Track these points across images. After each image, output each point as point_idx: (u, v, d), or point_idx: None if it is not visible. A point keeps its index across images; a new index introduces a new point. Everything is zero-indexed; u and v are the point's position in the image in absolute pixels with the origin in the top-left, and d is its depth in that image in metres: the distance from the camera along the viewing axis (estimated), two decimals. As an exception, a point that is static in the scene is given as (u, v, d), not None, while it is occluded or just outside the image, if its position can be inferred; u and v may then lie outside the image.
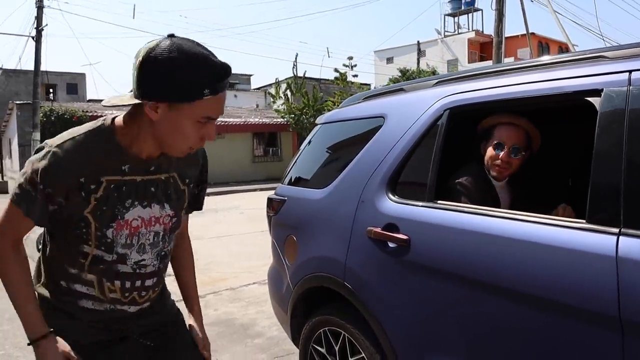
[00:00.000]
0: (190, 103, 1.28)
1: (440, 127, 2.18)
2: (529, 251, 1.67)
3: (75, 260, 1.48)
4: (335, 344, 2.55)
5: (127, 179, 1.45)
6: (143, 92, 1.28)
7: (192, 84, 1.26)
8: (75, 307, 1.53)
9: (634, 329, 1.39)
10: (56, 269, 1.52)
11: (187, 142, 1.37)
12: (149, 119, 1.33)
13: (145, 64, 1.26)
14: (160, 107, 1.29)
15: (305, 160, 3.18)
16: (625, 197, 1.49)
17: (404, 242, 2.09)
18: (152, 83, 1.27)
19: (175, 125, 1.32)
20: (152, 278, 1.60)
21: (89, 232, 1.43)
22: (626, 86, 1.57)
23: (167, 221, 1.58)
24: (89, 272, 1.49)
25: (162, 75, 1.25)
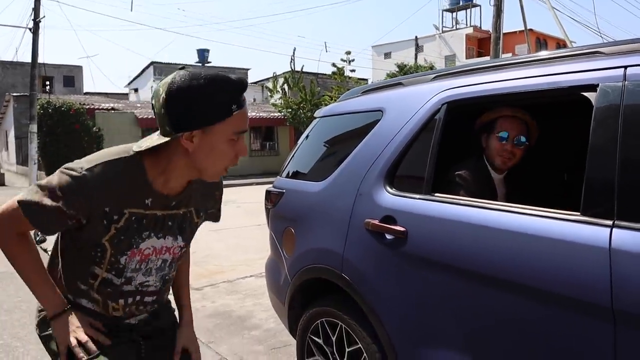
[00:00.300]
0: (222, 122, 1.31)
1: (438, 120, 2.20)
2: (525, 243, 1.70)
3: (86, 280, 1.50)
4: (332, 335, 2.58)
5: (149, 212, 1.47)
6: (176, 126, 1.30)
7: (220, 104, 1.30)
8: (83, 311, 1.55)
9: (626, 319, 1.42)
10: (67, 281, 1.54)
11: (224, 162, 1.39)
12: (183, 150, 1.35)
13: (170, 99, 1.29)
14: (195, 135, 1.32)
15: (304, 154, 3.20)
16: (619, 191, 1.51)
17: (401, 234, 2.11)
18: (183, 114, 1.29)
19: (212, 148, 1.35)
20: (152, 296, 1.64)
21: (104, 257, 1.46)
22: (621, 81, 1.59)
23: (177, 251, 1.62)
24: (96, 292, 1.52)
25: (191, 103, 1.28)
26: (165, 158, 1.41)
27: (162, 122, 1.33)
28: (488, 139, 2.48)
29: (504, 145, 2.41)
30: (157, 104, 1.33)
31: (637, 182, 1.49)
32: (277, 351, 3.85)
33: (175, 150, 1.37)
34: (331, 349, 2.60)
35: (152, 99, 1.37)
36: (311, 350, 2.75)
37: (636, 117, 1.53)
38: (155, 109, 1.34)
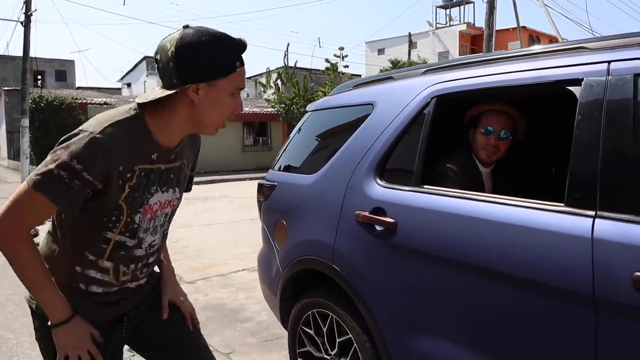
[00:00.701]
0: (226, 77, 1.41)
1: (427, 114, 2.24)
2: (511, 233, 1.74)
3: (97, 247, 1.50)
4: (323, 326, 2.62)
5: (155, 167, 1.52)
6: (184, 78, 1.37)
7: (225, 60, 1.40)
8: (85, 292, 1.55)
9: (606, 306, 1.47)
10: (73, 254, 1.51)
11: (224, 115, 1.48)
12: (188, 102, 1.42)
13: (180, 53, 1.36)
14: (201, 88, 1.40)
15: (296, 147, 3.23)
16: (601, 182, 1.56)
17: (390, 225, 2.15)
18: (192, 67, 1.37)
19: (216, 101, 1.43)
20: (154, 256, 1.69)
21: (120, 219, 1.48)
22: (605, 76, 1.63)
23: (175, 203, 1.68)
24: (107, 259, 1.52)
25: (200, 58, 1.37)
26: (168, 111, 1.46)
27: (169, 75, 1.39)
28: (474, 133, 2.53)
29: (488, 140, 2.47)
30: (163, 58, 1.39)
31: (619, 174, 1.54)
32: (269, 343, 3.89)
33: (179, 103, 1.44)
34: (322, 339, 2.64)
35: (156, 54, 1.43)
36: (302, 341, 2.79)
37: (619, 111, 1.57)
38: (161, 63, 1.40)
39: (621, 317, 1.45)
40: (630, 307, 1.41)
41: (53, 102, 18.22)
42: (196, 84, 1.39)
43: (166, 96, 1.41)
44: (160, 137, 1.49)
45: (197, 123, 1.48)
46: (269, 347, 3.81)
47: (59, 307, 1.46)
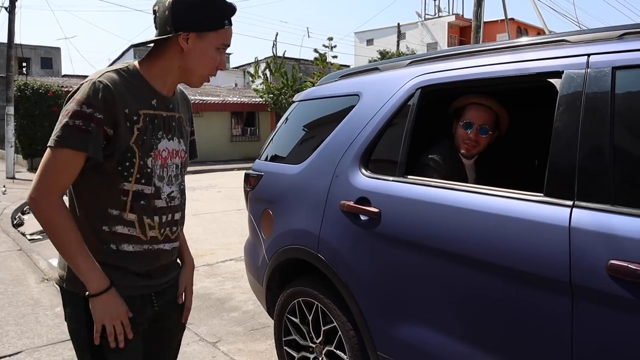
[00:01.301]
0: (215, 32, 1.55)
1: (412, 105, 2.26)
2: (492, 223, 1.77)
3: (117, 200, 1.55)
4: (308, 315, 2.65)
5: (157, 113, 1.61)
6: (178, 25, 1.51)
7: (216, 16, 1.54)
8: (118, 253, 1.57)
9: (583, 292, 1.51)
10: (97, 214, 1.55)
11: (208, 68, 1.60)
12: (178, 50, 1.55)
13: (177, 3, 1.50)
14: (191, 37, 1.53)
15: (282, 137, 3.25)
16: (579, 173, 1.59)
17: (375, 214, 2.18)
18: (186, 16, 1.50)
19: (203, 52, 1.56)
20: (178, 212, 1.73)
21: (133, 163, 1.54)
22: (584, 69, 1.67)
23: (183, 155, 1.74)
24: (130, 211, 1.56)
25: (194, 9, 1.51)
26: (160, 60, 1.59)
27: (164, 23, 1.52)
28: (456, 125, 2.55)
29: (468, 134, 2.49)
30: (161, 7, 1.53)
31: (596, 165, 1.57)
32: (255, 332, 3.92)
33: (170, 51, 1.56)
34: (307, 328, 2.67)
35: (154, 7, 1.56)
36: (288, 330, 2.82)
37: (597, 103, 1.60)
38: (158, 12, 1.54)
39: (597, 303, 1.49)
40: (605, 293, 1.45)
41: (39, 90, 18.00)
42: (187, 33, 1.52)
43: (158, 47, 1.57)
44: (155, 84, 1.60)
45: (185, 72, 1.60)
46: (255, 336, 3.84)
47: (97, 276, 1.49)
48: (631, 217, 1.45)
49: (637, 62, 1.56)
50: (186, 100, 1.83)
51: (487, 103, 2.48)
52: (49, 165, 1.44)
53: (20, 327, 3.97)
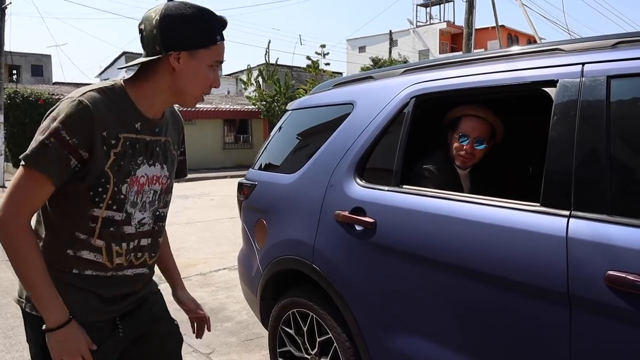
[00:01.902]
0: (207, 49, 1.47)
1: (406, 114, 2.25)
2: (488, 233, 1.76)
3: (86, 226, 1.47)
4: (303, 325, 2.62)
5: (140, 137, 1.53)
6: (167, 44, 1.43)
7: (207, 32, 1.46)
8: (80, 277, 1.50)
9: (580, 303, 1.49)
10: (63, 237, 1.48)
11: (202, 87, 1.53)
12: (169, 70, 1.47)
13: (165, 21, 1.42)
14: (182, 56, 1.45)
15: (276, 146, 3.23)
16: (575, 183, 1.58)
17: (370, 225, 2.16)
18: (175, 35, 1.43)
19: (196, 71, 1.48)
20: (147, 238, 1.63)
21: (107, 189, 1.46)
22: (579, 78, 1.66)
23: (164, 181, 1.65)
24: (99, 237, 1.49)
25: (183, 26, 1.43)
26: (150, 81, 1.50)
27: (152, 43, 1.44)
28: (452, 136, 2.53)
29: (463, 146, 2.47)
30: (148, 27, 1.45)
31: (592, 174, 1.56)
32: (249, 343, 3.88)
33: (160, 71, 1.48)
34: (302, 339, 2.64)
35: (140, 25, 1.48)
36: (283, 341, 2.79)
37: (592, 111, 1.60)
38: (145, 32, 1.46)
39: (595, 314, 1.47)
40: (603, 304, 1.44)
41: (29, 98, 17.93)
42: (178, 52, 1.44)
43: (147, 67, 1.48)
44: (142, 107, 1.51)
45: (177, 93, 1.52)
46: (249, 347, 3.81)
47: (56, 308, 1.41)
48: (629, 227, 1.44)
49: (631, 71, 1.56)
50: (177, 121, 1.75)
51: (482, 114, 2.46)
52: (19, 185, 1.37)
53: (9, 340, 3.91)
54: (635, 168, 1.59)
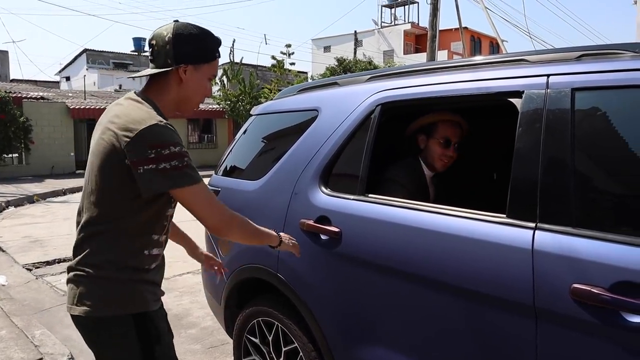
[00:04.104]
0: (209, 63, 1.73)
1: (372, 122, 2.23)
2: (453, 244, 1.75)
3: (161, 225, 1.72)
4: (268, 335, 2.58)
5: None
6: (178, 58, 1.67)
7: (210, 49, 1.73)
8: (152, 271, 1.73)
9: (546, 316, 1.49)
10: (141, 240, 1.67)
11: (202, 96, 1.78)
12: (177, 81, 1.70)
13: (177, 38, 1.66)
14: (188, 70, 1.69)
15: (240, 151, 3.17)
16: (541, 194, 1.58)
17: (335, 234, 2.13)
18: (185, 50, 1.67)
19: (198, 82, 1.73)
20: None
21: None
22: (544, 89, 1.66)
23: None
24: (165, 233, 1.76)
25: (192, 44, 1.68)
26: (164, 92, 1.72)
27: (165, 57, 1.67)
28: (427, 141, 2.53)
29: (446, 151, 2.50)
30: (160, 42, 1.67)
31: (557, 186, 1.57)
32: (214, 350, 3.82)
33: (171, 82, 1.71)
34: (268, 348, 2.60)
35: (150, 40, 1.70)
36: (248, 350, 2.74)
37: (557, 123, 1.60)
38: (157, 47, 1.68)
39: (561, 327, 1.48)
40: (569, 317, 1.44)
41: (-16, 96, 17.26)
42: (186, 65, 1.68)
43: (156, 78, 1.71)
44: (167, 114, 1.72)
45: (181, 101, 1.75)
46: (214, 354, 3.74)
47: (273, 236, 1.89)
48: (593, 240, 1.45)
49: (595, 84, 1.57)
50: None
51: (457, 119, 2.51)
52: (206, 195, 1.63)
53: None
54: (599, 181, 1.60)
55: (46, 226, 9.10)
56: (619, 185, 1.56)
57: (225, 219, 1.67)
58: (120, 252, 1.62)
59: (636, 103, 1.51)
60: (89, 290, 1.62)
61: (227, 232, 1.71)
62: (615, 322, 1.36)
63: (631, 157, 1.51)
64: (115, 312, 1.62)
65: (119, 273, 1.62)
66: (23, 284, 5.55)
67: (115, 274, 1.62)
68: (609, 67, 1.57)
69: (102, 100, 22.60)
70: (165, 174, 1.53)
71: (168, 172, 1.53)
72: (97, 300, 1.61)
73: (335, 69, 28.64)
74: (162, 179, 1.53)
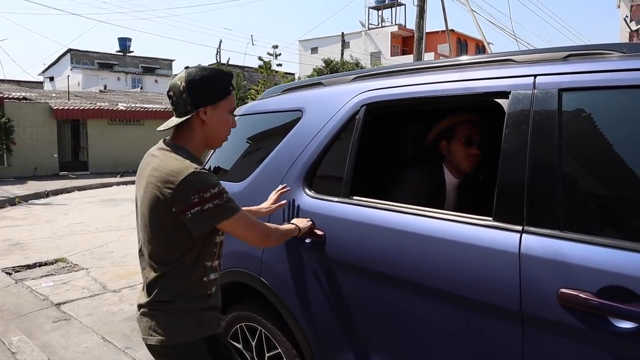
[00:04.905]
0: (225, 99, 1.81)
1: (357, 122, 2.19)
2: (439, 247, 1.71)
3: (211, 253, 1.83)
4: (252, 340, 2.53)
5: None
6: (196, 103, 1.76)
7: (223, 86, 1.81)
8: (213, 296, 1.87)
9: (533, 321, 1.46)
10: (198, 270, 1.80)
11: (227, 130, 1.87)
12: (200, 123, 1.79)
13: (191, 85, 1.76)
14: (208, 110, 1.78)
15: (224, 152, 3.10)
16: (528, 197, 1.55)
17: (319, 237, 2.09)
18: (200, 95, 1.76)
19: (221, 119, 1.82)
20: None
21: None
22: (531, 89, 1.63)
23: None
24: (217, 258, 1.88)
25: (205, 87, 1.77)
26: (192, 136, 1.82)
27: (184, 104, 1.77)
28: (450, 145, 2.47)
29: (469, 150, 2.43)
30: (176, 92, 1.78)
31: (545, 188, 1.53)
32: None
33: (195, 126, 1.80)
34: (251, 354, 2.55)
35: (168, 92, 1.81)
36: (230, 355, 2.68)
37: (544, 124, 1.57)
38: (175, 97, 1.78)
39: (548, 332, 1.44)
40: (557, 323, 1.41)
41: (-35, 97, 17.00)
42: (205, 107, 1.77)
43: (181, 125, 1.79)
44: (199, 154, 1.84)
45: (209, 139, 1.85)
46: None
47: (292, 230, 2.03)
48: (581, 243, 1.42)
49: (582, 85, 1.54)
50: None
51: (475, 119, 2.45)
52: (246, 221, 1.79)
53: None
54: (587, 183, 1.57)
55: (27, 229, 8.94)
56: (607, 188, 1.53)
57: (263, 235, 1.86)
58: (185, 286, 1.78)
59: (624, 104, 1.49)
60: (163, 322, 1.79)
61: (266, 244, 2.00)
62: (603, 328, 1.34)
63: (619, 159, 1.49)
64: (188, 338, 1.79)
65: (187, 303, 1.78)
66: (2, 289, 5.43)
67: (184, 305, 1.78)
68: (597, 68, 1.55)
69: (86, 100, 22.35)
70: (211, 212, 1.68)
71: (213, 211, 1.68)
72: (170, 330, 1.78)
73: (323, 71, 28.58)
74: (208, 217, 1.69)
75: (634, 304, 1.29)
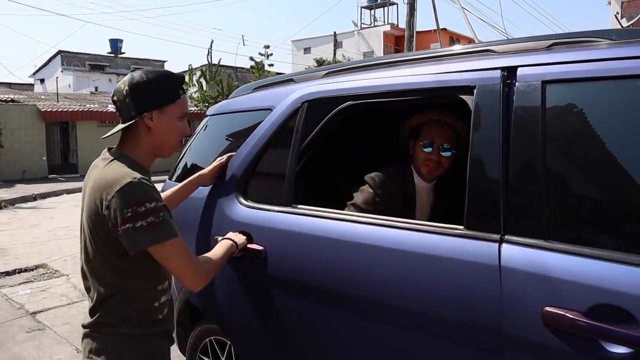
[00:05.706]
0: (173, 104, 1.68)
1: (298, 120, 2.00)
2: (401, 261, 1.54)
3: (162, 275, 1.70)
4: (221, 354, 2.36)
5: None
6: (140, 108, 1.63)
7: (170, 90, 1.68)
8: (165, 320, 1.73)
9: (515, 343, 1.30)
10: (149, 294, 1.67)
11: (177, 137, 1.73)
12: (146, 129, 1.67)
13: (133, 89, 1.63)
14: (154, 115, 1.65)
15: (193, 154, 2.93)
16: (504, 201, 1.38)
17: (258, 253, 1.91)
18: (144, 99, 1.64)
19: (169, 124, 1.69)
20: None
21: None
22: (511, 82, 1.47)
23: None
24: (167, 278, 1.75)
25: (150, 90, 1.64)
26: (137, 143, 1.68)
27: (127, 110, 1.64)
28: (414, 145, 2.22)
29: (429, 154, 2.15)
30: (120, 97, 1.65)
31: (527, 192, 1.37)
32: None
33: (140, 132, 1.67)
34: (221, 368, 2.38)
35: (113, 97, 1.69)
36: (201, 371, 2.52)
37: (526, 121, 1.40)
38: (119, 102, 1.66)
39: (531, 355, 1.28)
40: (540, 346, 1.25)
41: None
42: (150, 112, 1.64)
43: (127, 132, 1.67)
44: (146, 166, 1.71)
45: (157, 147, 1.71)
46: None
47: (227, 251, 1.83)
48: (568, 254, 1.25)
49: (568, 76, 1.38)
50: None
51: (445, 118, 2.16)
52: (179, 252, 1.60)
53: None
54: (575, 185, 1.39)
55: (10, 234, 8.73)
56: (598, 191, 1.36)
57: (197, 278, 1.67)
58: (132, 311, 1.64)
59: (615, 96, 1.32)
60: (101, 346, 1.65)
61: (202, 286, 1.72)
62: (593, 353, 1.17)
63: (610, 158, 1.31)
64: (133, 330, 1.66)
65: (133, 329, 1.64)
66: (-23, 297, 5.24)
67: (128, 330, 1.64)
68: (584, 57, 1.38)
69: (76, 102, 22.10)
70: (143, 231, 1.52)
71: (145, 230, 1.52)
72: (109, 356, 1.64)
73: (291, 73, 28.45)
74: (140, 237, 1.52)
75: (629, 325, 1.12)
